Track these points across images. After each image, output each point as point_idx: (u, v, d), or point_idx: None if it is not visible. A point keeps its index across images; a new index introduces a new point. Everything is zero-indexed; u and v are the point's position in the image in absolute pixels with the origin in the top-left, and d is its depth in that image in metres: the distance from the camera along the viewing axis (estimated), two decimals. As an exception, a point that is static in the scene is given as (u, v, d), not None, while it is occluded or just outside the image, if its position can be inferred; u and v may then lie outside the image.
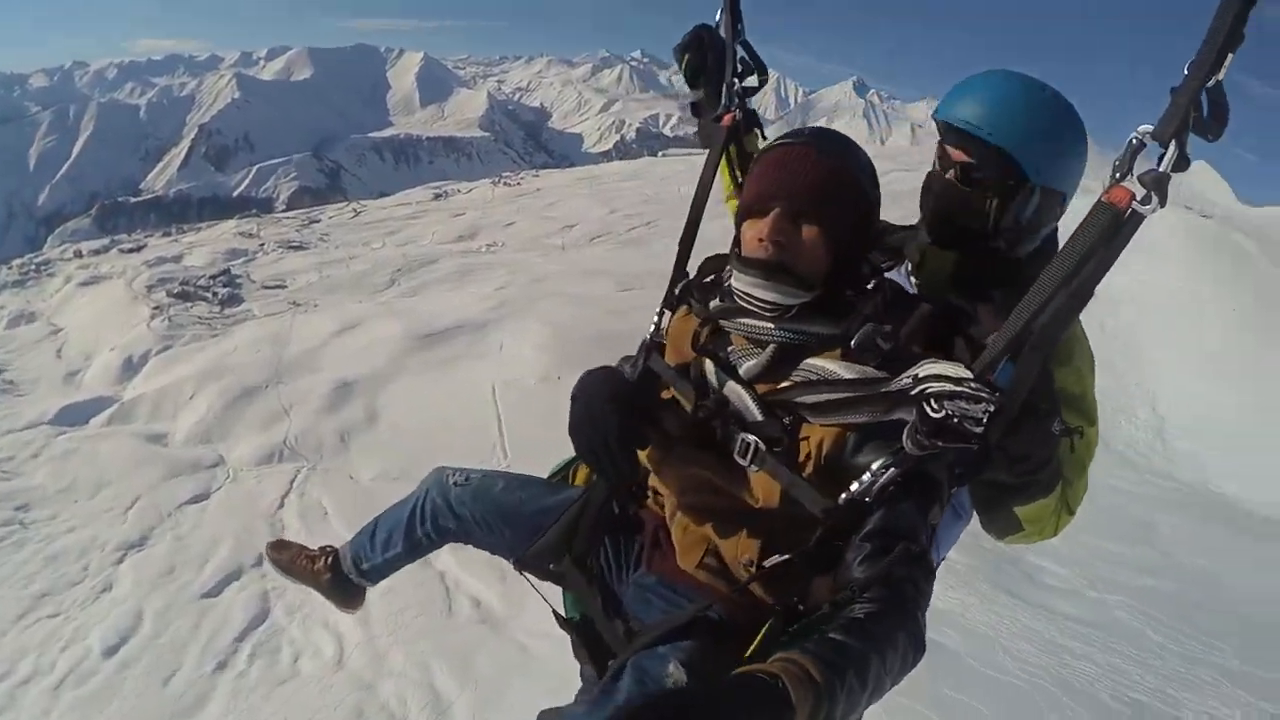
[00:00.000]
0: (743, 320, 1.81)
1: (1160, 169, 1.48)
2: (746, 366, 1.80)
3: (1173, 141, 1.47)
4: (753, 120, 2.47)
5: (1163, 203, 1.48)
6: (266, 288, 13.03)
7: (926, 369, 1.54)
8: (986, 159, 2.02)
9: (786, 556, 1.65)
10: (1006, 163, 1.98)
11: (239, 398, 8.13)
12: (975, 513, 2.22)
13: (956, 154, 2.08)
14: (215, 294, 12.44)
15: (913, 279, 2.26)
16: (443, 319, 10.02)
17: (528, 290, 11.22)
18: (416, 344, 9.22)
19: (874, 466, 1.57)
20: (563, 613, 2.29)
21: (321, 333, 9.92)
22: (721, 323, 1.87)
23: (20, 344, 12.15)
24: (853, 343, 1.67)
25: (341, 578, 2.79)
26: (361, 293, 12.32)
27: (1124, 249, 1.51)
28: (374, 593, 2.90)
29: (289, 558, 2.92)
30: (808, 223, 1.73)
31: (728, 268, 1.88)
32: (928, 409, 1.48)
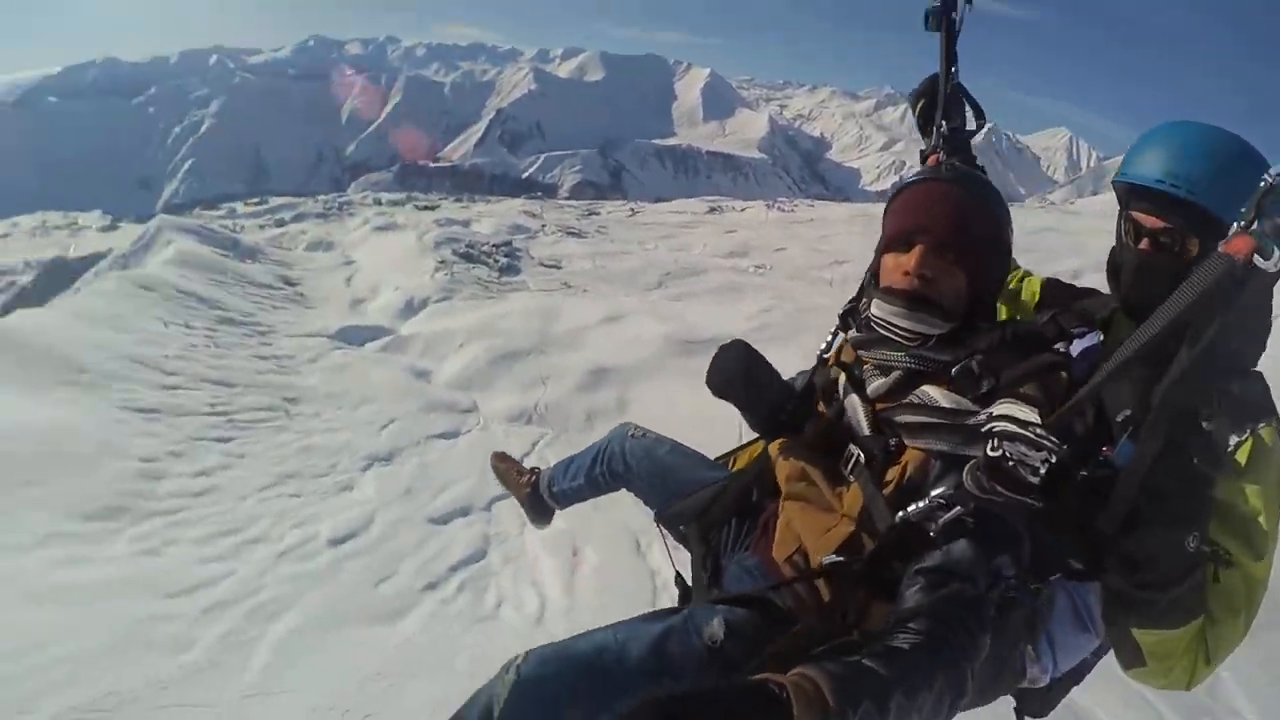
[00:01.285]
0: (877, 349, 1.94)
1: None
2: (874, 385, 1.94)
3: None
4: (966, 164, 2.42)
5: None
6: (543, 265, 14.04)
7: (1001, 408, 1.59)
8: (1181, 216, 1.84)
9: (839, 559, 1.75)
10: (1204, 217, 1.80)
11: (502, 357, 8.88)
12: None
13: (1146, 219, 1.91)
14: (496, 261, 13.62)
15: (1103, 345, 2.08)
16: (704, 330, 10.31)
17: (793, 319, 11.29)
18: (676, 348, 9.56)
19: (933, 493, 1.64)
20: (681, 568, 2.50)
21: (588, 317, 10.57)
22: (859, 352, 2.02)
23: (316, 266, 13.89)
24: (953, 371, 1.79)
25: (537, 495, 3.29)
26: (630, 288, 12.90)
27: (1261, 309, 1.44)
28: (587, 569, 3.08)
29: (505, 466, 3.52)
30: (952, 258, 1.87)
31: (864, 297, 2.05)
32: (989, 447, 1.52)
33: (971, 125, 2.53)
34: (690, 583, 2.36)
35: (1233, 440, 1.71)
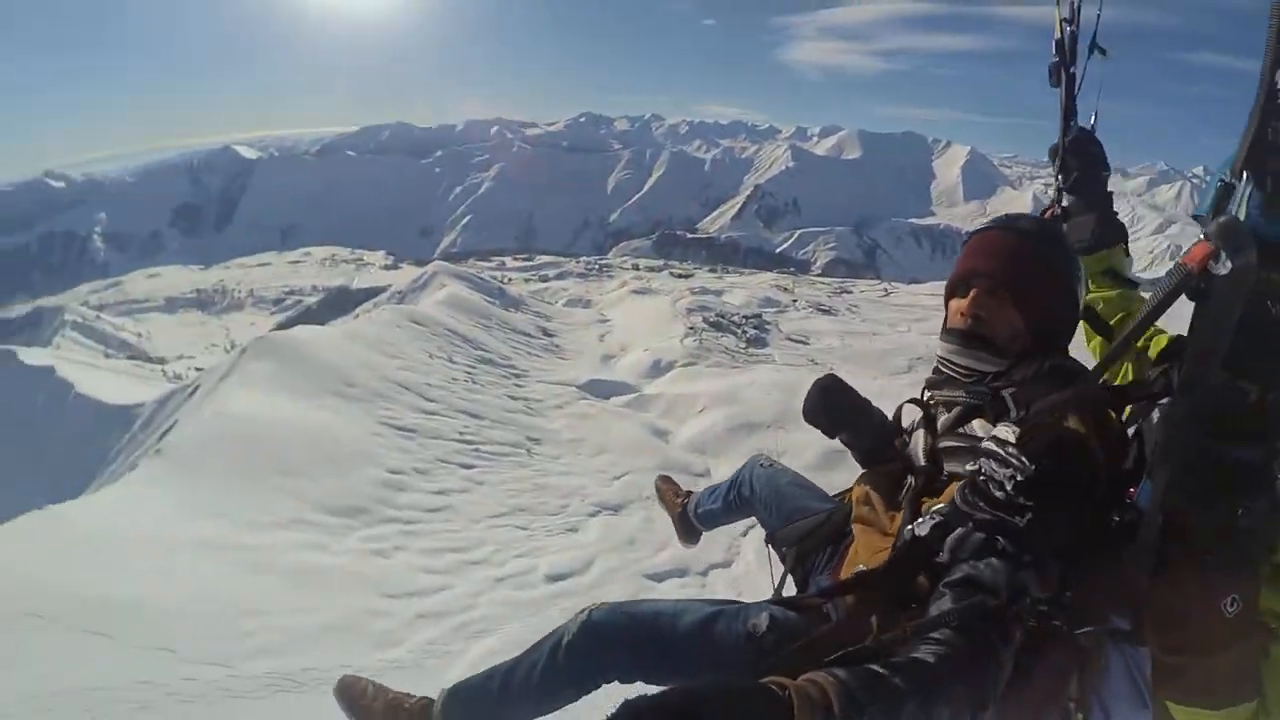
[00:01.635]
0: (944, 387, 2.03)
1: (1231, 211, 1.33)
2: (940, 421, 2.01)
3: (1244, 174, 1.32)
4: (1106, 226, 2.38)
5: (1236, 257, 1.27)
6: (790, 340, 13.91)
7: (995, 430, 1.65)
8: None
9: (863, 569, 1.84)
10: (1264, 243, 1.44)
11: (741, 426, 8.76)
12: None
13: None
14: (744, 332, 13.66)
15: None
16: (950, 423, 9.66)
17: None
18: (918, 439, 9.00)
19: (932, 509, 1.72)
20: (775, 585, 2.58)
21: (832, 397, 10.17)
22: (930, 392, 2.11)
23: (573, 321, 14.56)
24: (988, 401, 1.84)
25: (685, 515, 3.50)
26: (878, 370, 12.52)
27: (1223, 336, 1.36)
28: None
29: (666, 487, 3.72)
30: (1007, 299, 1.95)
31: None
32: (973, 465, 1.61)
33: (1101, 177, 2.45)
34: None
35: None
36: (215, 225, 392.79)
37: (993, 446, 1.59)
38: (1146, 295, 1.74)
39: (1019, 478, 1.53)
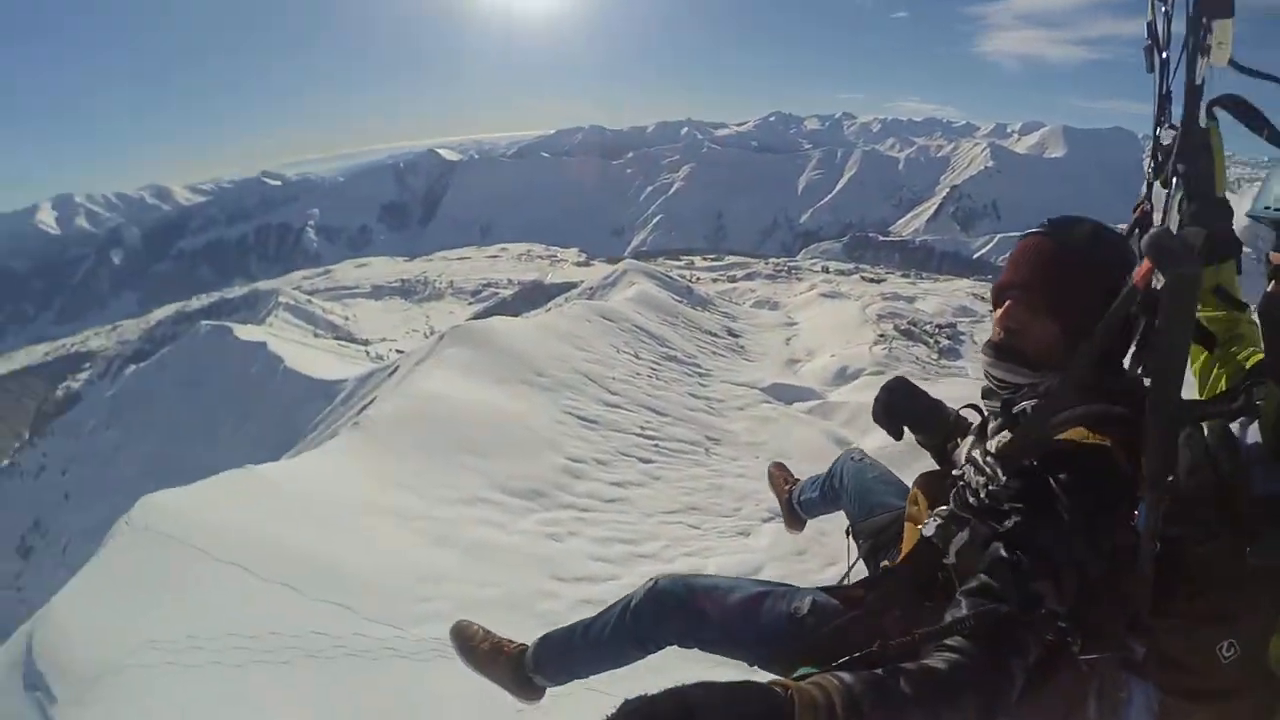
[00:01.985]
0: (989, 398, 1.99)
1: (1160, 223, 1.44)
2: (990, 427, 1.95)
3: (1174, 177, 1.41)
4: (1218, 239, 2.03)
5: (1165, 271, 1.29)
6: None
7: (990, 442, 1.73)
8: None
9: (887, 564, 1.96)
10: None
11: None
12: None
13: (1274, 255, 1.54)
14: (937, 342, 13.17)
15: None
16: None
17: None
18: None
19: (937, 510, 1.82)
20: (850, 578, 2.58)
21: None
22: (982, 400, 2.05)
23: (759, 323, 14.47)
24: (1013, 412, 1.78)
25: (791, 502, 3.55)
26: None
27: (1177, 354, 1.35)
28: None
29: (778, 473, 3.82)
30: (1041, 309, 1.86)
31: None
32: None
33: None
34: None
35: None
36: (420, 221, 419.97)
37: (975, 455, 1.69)
38: (1254, 319, 1.64)
39: (991, 486, 1.62)
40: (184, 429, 59.25)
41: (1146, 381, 1.63)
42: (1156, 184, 2.09)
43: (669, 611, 2.24)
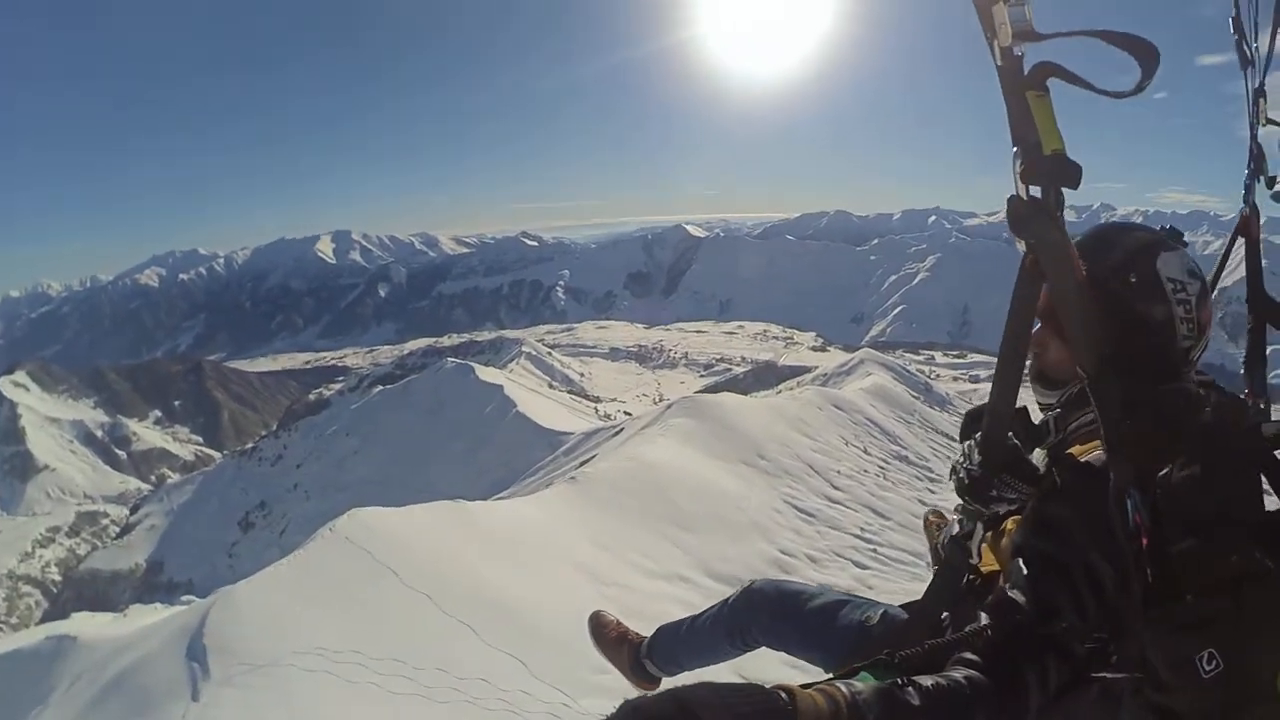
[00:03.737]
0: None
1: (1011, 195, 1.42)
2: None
3: (1015, 147, 1.38)
4: None
5: (1022, 237, 1.43)
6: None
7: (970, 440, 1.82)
8: None
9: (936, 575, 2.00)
10: None
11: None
12: None
13: None
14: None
15: None
16: None
17: None
18: None
19: (956, 506, 1.88)
20: None
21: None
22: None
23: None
24: (1035, 424, 1.83)
25: (936, 547, 3.38)
26: None
27: (1078, 313, 1.47)
28: None
29: (933, 521, 3.56)
30: (1055, 333, 1.95)
31: None
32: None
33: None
34: None
35: None
36: (662, 292, 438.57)
37: (970, 443, 1.70)
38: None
39: (969, 465, 1.67)
40: (414, 451, 64.51)
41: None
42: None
43: (759, 608, 2.54)
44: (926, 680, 1.29)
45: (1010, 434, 1.69)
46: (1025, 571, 1.52)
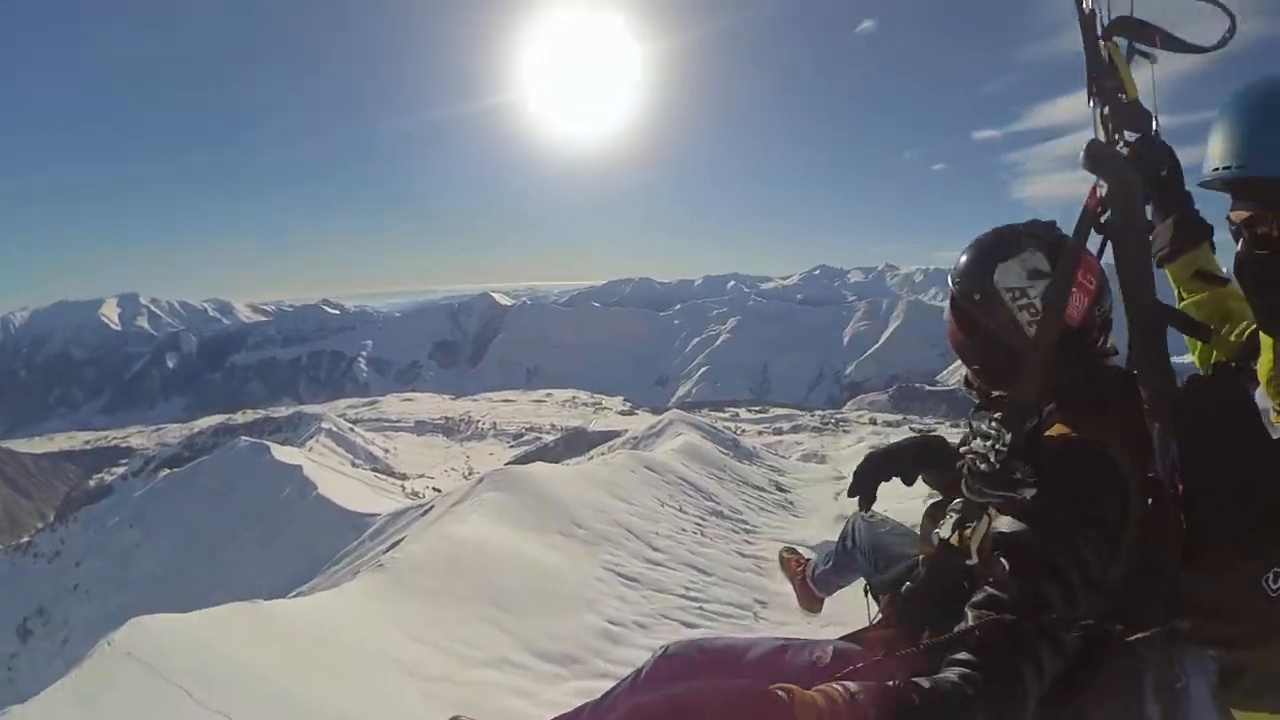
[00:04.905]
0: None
1: (1091, 138, 1.52)
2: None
3: (1091, 98, 1.56)
4: (1185, 227, 2.15)
5: (1104, 177, 1.55)
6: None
7: (973, 425, 1.91)
8: (1253, 197, 1.48)
9: (910, 586, 2.00)
10: (1273, 188, 1.44)
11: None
12: None
13: (1237, 214, 1.56)
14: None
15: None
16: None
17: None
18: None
19: (949, 508, 1.93)
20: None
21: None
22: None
23: (807, 477, 14.14)
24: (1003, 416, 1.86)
25: (805, 581, 3.57)
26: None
27: (1138, 257, 1.56)
28: None
29: (790, 557, 3.86)
30: (964, 360, 2.06)
31: None
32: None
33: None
34: None
35: None
36: (469, 360, 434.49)
37: (978, 424, 1.75)
38: (1237, 289, 1.67)
39: (999, 446, 1.65)
40: (204, 541, 59.56)
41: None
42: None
43: (680, 676, 2.20)
44: (923, 681, 1.32)
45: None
46: (1012, 566, 1.52)
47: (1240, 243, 1.56)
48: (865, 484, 2.34)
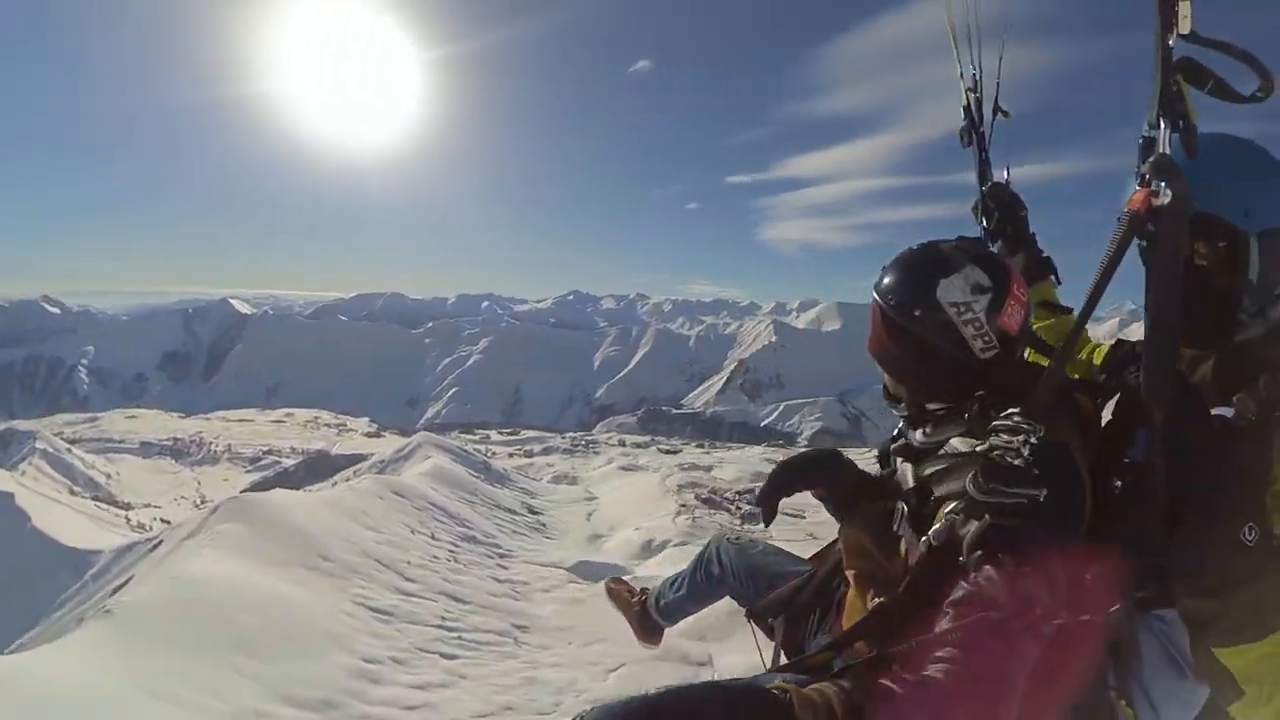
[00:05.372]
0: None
1: (1160, 151, 1.63)
2: (920, 443, 2.04)
3: (1160, 120, 1.64)
4: (1033, 264, 2.69)
5: (1173, 185, 1.58)
6: (786, 514, 13.50)
7: (992, 423, 1.71)
8: (1200, 226, 1.82)
9: (882, 599, 1.86)
10: (1205, 222, 1.81)
11: (742, 609, 8.22)
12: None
13: None
14: (738, 508, 13.33)
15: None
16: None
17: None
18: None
19: (944, 511, 1.74)
20: (768, 662, 2.57)
21: (833, 569, 9.83)
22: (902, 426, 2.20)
23: (559, 498, 14.20)
24: (966, 417, 1.89)
25: (646, 612, 3.43)
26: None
27: (1178, 261, 1.60)
28: None
29: (618, 589, 3.68)
30: (882, 368, 2.16)
31: None
32: (983, 449, 1.68)
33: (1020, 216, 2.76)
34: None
35: None
36: (203, 375, 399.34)
37: (1000, 422, 1.67)
38: (1077, 315, 1.90)
39: (1033, 439, 1.61)
40: None
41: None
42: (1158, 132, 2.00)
43: None
44: (912, 678, 1.35)
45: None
46: (1001, 565, 1.54)
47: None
48: (775, 498, 2.30)
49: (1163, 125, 1.63)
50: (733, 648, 7.24)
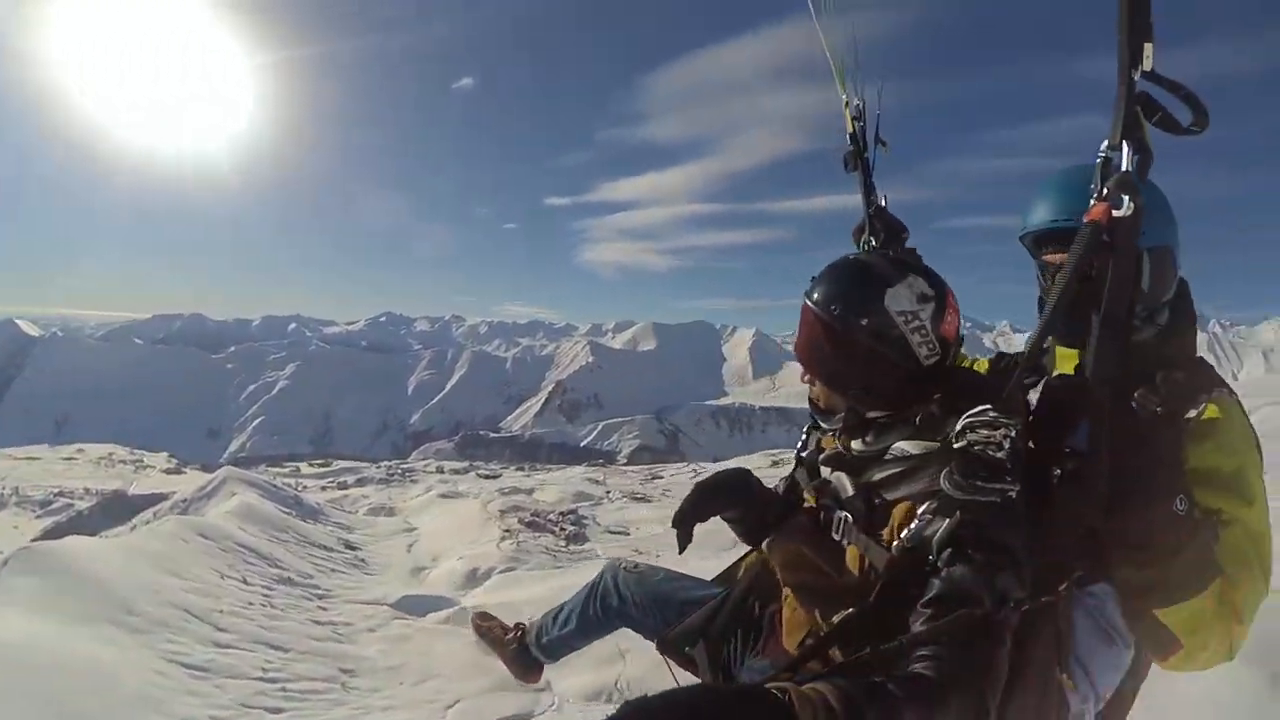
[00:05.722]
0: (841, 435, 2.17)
1: (1122, 170, 1.82)
2: (859, 450, 2.09)
3: (1123, 142, 1.84)
4: None
5: (1134, 199, 1.79)
6: (611, 532, 13.72)
7: (962, 420, 1.76)
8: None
9: (850, 610, 1.83)
10: None
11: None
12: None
13: (1053, 257, 2.21)
14: (563, 529, 13.32)
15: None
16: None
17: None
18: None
19: (920, 510, 1.76)
20: None
21: (663, 585, 9.95)
22: (828, 435, 2.28)
23: (377, 531, 13.76)
24: (917, 420, 1.97)
25: (524, 649, 3.37)
26: (705, 549, 12.42)
27: (1133, 267, 1.85)
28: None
29: (487, 626, 3.60)
30: (819, 380, 2.16)
31: None
32: (957, 445, 1.73)
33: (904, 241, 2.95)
34: None
35: (1191, 413, 1.90)
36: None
37: (975, 419, 1.73)
38: (1042, 318, 2.04)
39: (1013, 434, 1.69)
40: None
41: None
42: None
43: None
44: (904, 675, 1.37)
45: None
46: (976, 560, 1.58)
47: (1054, 279, 1.99)
48: (692, 523, 2.26)
49: (1125, 147, 1.84)
50: (569, 672, 7.26)
